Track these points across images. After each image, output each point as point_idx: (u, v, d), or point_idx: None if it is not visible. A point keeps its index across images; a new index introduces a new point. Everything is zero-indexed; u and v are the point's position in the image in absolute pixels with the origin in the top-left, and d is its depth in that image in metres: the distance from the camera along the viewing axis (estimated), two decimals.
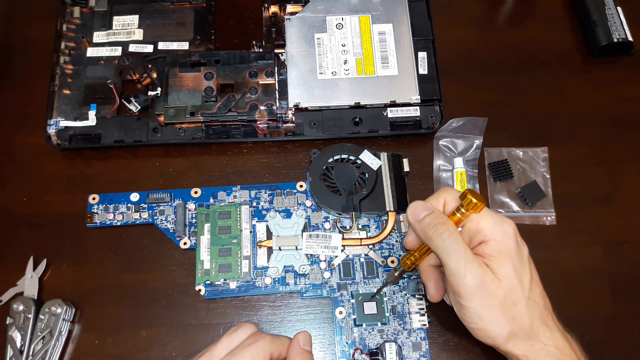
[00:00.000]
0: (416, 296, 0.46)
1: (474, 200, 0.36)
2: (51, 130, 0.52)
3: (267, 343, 0.36)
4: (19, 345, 0.44)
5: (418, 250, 0.40)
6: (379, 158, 0.49)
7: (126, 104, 0.53)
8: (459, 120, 0.51)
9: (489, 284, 0.36)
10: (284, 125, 0.53)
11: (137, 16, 0.56)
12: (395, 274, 0.43)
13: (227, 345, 0.37)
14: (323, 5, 0.55)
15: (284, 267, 0.47)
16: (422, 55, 0.54)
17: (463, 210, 0.37)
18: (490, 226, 0.37)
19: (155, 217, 0.49)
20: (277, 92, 0.53)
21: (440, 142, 0.52)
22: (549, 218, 0.50)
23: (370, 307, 0.45)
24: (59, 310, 0.45)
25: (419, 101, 0.52)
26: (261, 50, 0.55)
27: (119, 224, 0.49)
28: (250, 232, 0.48)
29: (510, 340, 0.36)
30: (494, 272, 0.36)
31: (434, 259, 0.41)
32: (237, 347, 0.37)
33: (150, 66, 0.54)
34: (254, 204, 0.49)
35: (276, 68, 0.54)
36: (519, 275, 0.37)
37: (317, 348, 0.45)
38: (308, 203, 0.49)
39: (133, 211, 0.49)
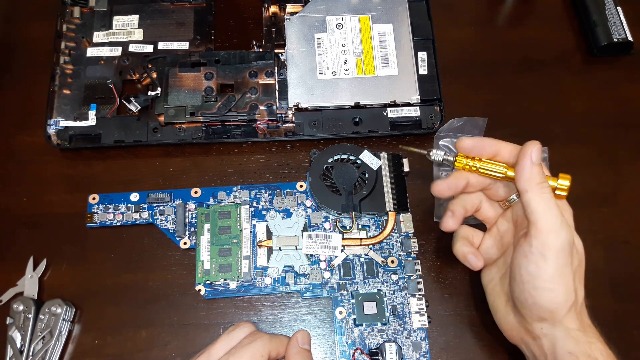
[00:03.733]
0: (416, 296, 0.46)
1: (567, 189, 0.38)
2: (51, 130, 0.52)
3: (265, 342, 0.36)
4: (19, 345, 0.44)
5: (482, 161, 0.40)
6: (379, 158, 0.49)
7: (126, 104, 0.53)
8: (459, 120, 0.51)
9: (574, 248, 0.37)
10: (284, 125, 0.53)
11: (137, 16, 0.56)
12: (443, 156, 0.41)
13: (225, 345, 0.37)
14: (323, 5, 0.55)
15: (284, 267, 0.47)
16: (422, 55, 0.54)
17: (551, 183, 0.38)
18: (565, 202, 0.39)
19: (155, 217, 0.49)
20: (277, 92, 0.53)
21: (440, 142, 0.52)
22: None
23: (370, 307, 0.45)
24: (59, 310, 0.45)
25: (419, 101, 0.52)
26: (261, 50, 0.55)
27: (119, 224, 0.49)
28: (250, 232, 0.48)
29: (569, 311, 0.37)
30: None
31: (476, 180, 0.41)
32: (235, 346, 0.36)
33: (150, 66, 0.54)
34: (254, 204, 0.49)
35: (276, 68, 0.54)
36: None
37: (317, 348, 0.45)
38: (308, 203, 0.49)
39: (133, 211, 0.49)
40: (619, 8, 0.57)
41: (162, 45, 0.55)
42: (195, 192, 0.50)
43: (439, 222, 0.49)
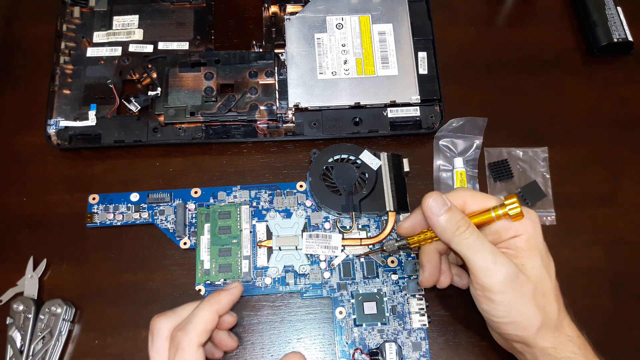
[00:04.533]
0: (416, 296, 0.46)
1: (520, 209, 0.36)
2: (51, 130, 0.52)
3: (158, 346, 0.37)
4: (19, 345, 0.44)
5: (430, 230, 0.40)
6: (379, 158, 0.49)
7: (126, 104, 0.53)
8: (459, 120, 0.51)
9: (520, 276, 0.36)
10: (284, 125, 0.53)
11: (137, 16, 0.56)
12: (396, 244, 0.43)
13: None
14: (323, 5, 0.55)
15: (284, 267, 0.47)
16: (422, 55, 0.54)
17: (500, 213, 0.37)
18: (523, 220, 0.37)
19: (155, 217, 0.49)
20: (277, 92, 0.53)
21: (440, 142, 0.52)
22: (549, 218, 0.50)
23: (370, 307, 0.45)
24: (59, 310, 0.45)
25: (419, 101, 0.52)
26: (261, 50, 0.55)
27: (119, 224, 0.49)
28: (250, 232, 0.48)
29: (539, 332, 0.36)
30: (523, 264, 0.37)
31: (441, 244, 0.40)
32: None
33: (150, 66, 0.54)
34: (254, 204, 0.49)
35: (276, 68, 0.54)
36: (546, 267, 0.37)
37: (317, 348, 0.45)
38: (308, 203, 0.49)
39: (133, 211, 0.49)
40: (619, 8, 0.57)
41: (162, 45, 0.55)
42: (195, 192, 0.50)
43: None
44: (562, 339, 0.37)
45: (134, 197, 0.49)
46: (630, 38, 0.55)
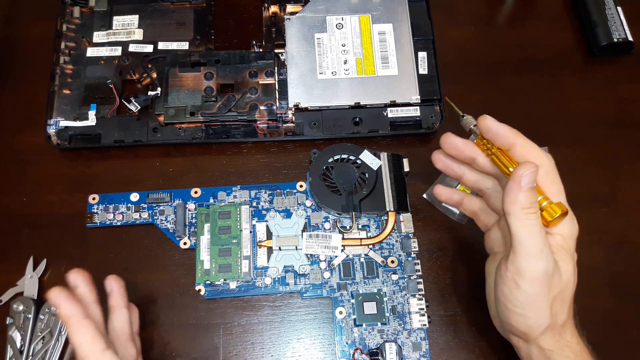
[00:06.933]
0: (416, 296, 0.46)
1: (551, 219, 0.35)
2: (51, 130, 0.52)
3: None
4: (18, 345, 0.44)
5: (500, 154, 0.38)
6: (379, 158, 0.49)
7: (126, 104, 0.53)
8: None
9: (554, 275, 0.35)
10: (284, 125, 0.53)
11: (137, 16, 0.56)
12: (471, 126, 0.40)
13: None
14: (323, 5, 0.55)
15: (284, 267, 0.47)
16: (422, 55, 0.54)
17: (542, 205, 0.36)
18: (562, 225, 0.37)
19: (155, 217, 0.49)
20: (277, 92, 0.53)
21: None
22: None
23: (370, 307, 0.45)
24: None
25: (419, 101, 0.52)
26: (261, 50, 0.55)
27: (119, 224, 0.49)
28: (250, 232, 0.48)
29: (543, 334, 0.36)
30: (559, 265, 0.36)
31: (482, 164, 0.40)
32: None
33: (150, 66, 0.54)
34: (254, 204, 0.49)
35: (276, 68, 0.54)
36: (574, 274, 0.37)
37: (317, 348, 0.45)
38: (308, 203, 0.49)
39: (133, 211, 0.49)
40: (619, 8, 0.57)
41: (162, 45, 0.55)
42: (195, 192, 0.50)
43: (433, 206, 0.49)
44: (561, 344, 0.37)
45: (134, 197, 0.49)
46: (630, 38, 0.55)
